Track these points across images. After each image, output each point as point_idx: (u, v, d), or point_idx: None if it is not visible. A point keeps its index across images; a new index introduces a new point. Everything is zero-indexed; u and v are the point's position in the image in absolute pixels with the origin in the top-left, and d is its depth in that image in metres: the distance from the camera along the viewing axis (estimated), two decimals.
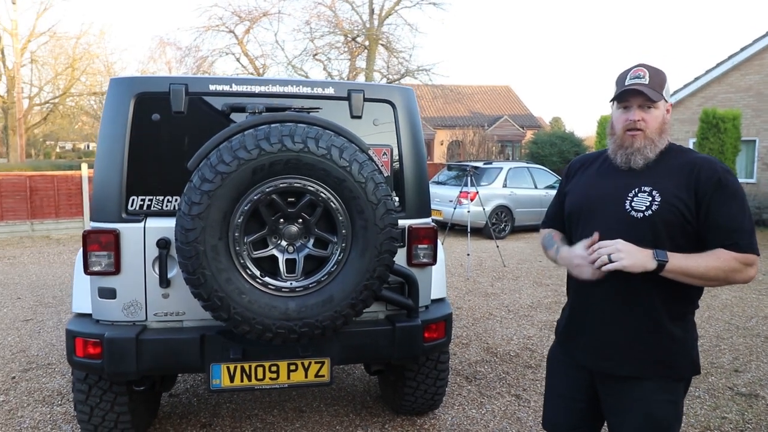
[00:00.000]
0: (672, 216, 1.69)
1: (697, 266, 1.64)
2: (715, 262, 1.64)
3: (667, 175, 1.74)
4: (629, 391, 1.78)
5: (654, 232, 1.70)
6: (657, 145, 1.77)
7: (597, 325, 1.84)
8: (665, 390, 1.75)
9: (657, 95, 1.74)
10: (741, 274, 1.67)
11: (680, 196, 1.69)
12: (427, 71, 20.15)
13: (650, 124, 1.76)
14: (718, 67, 13.91)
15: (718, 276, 1.66)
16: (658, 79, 1.77)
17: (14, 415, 3.44)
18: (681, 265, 1.64)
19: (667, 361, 1.76)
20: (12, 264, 8.58)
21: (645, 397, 1.75)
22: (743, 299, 6.40)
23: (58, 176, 11.78)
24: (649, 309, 1.75)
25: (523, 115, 32.20)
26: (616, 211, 1.76)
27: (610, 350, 1.81)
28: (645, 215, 1.71)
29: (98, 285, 2.60)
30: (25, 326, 5.29)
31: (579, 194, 1.92)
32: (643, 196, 1.74)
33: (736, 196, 1.68)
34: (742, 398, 3.75)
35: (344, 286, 2.38)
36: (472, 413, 3.53)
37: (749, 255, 1.66)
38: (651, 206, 1.71)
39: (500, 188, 11.29)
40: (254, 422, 3.38)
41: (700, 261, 1.65)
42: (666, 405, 1.75)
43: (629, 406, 1.77)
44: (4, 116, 25.88)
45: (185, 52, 20.70)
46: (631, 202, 1.75)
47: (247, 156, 2.21)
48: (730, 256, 1.65)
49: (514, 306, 6.12)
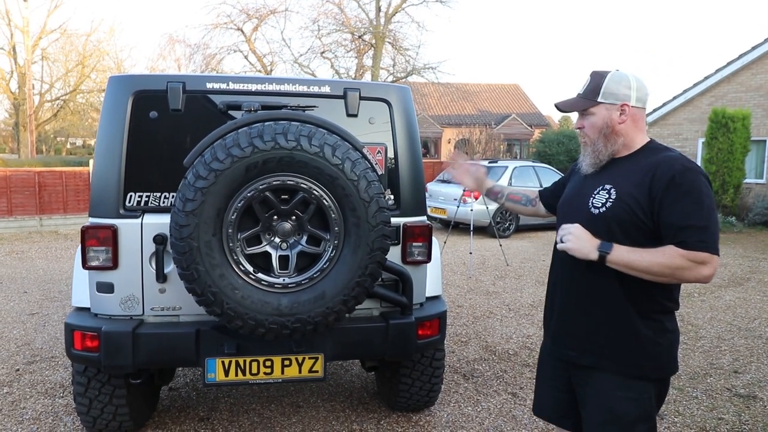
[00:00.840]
0: (624, 213, 1.73)
1: (640, 260, 1.67)
2: (660, 258, 1.65)
3: (629, 173, 1.78)
4: (592, 383, 1.82)
5: (607, 228, 1.75)
6: (598, 149, 1.83)
7: (563, 313, 1.91)
8: (626, 387, 1.76)
9: (584, 102, 1.83)
10: (691, 272, 1.65)
11: (634, 194, 1.72)
12: (434, 69, 20.13)
13: (589, 130, 1.85)
14: (729, 66, 13.78)
15: (663, 272, 1.66)
16: (594, 84, 1.83)
17: (17, 407, 3.51)
18: (623, 258, 1.68)
19: (627, 358, 1.77)
20: (20, 258, 8.70)
21: (604, 391, 1.79)
22: (747, 300, 6.36)
23: (67, 172, 11.92)
24: (614, 303, 1.78)
25: (532, 114, 32.08)
26: (580, 208, 1.85)
27: (574, 339, 1.87)
28: (600, 212, 1.78)
29: (96, 279, 2.64)
30: (30, 320, 5.37)
31: (565, 195, 2.03)
32: (602, 193, 1.80)
33: (691, 193, 1.66)
34: (740, 399, 3.74)
35: (336, 283, 2.40)
36: (467, 410, 3.55)
37: (699, 253, 1.63)
38: (606, 203, 1.77)
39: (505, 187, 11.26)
40: (252, 416, 3.42)
41: (645, 255, 1.67)
42: (626, 402, 1.76)
43: (592, 398, 1.82)
44: (15, 112, 26.17)
45: (194, 49, 20.86)
46: (592, 200, 1.82)
47: (240, 153, 2.24)
48: (676, 252, 1.64)
49: (515, 305, 6.13)
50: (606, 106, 1.80)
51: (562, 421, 1.99)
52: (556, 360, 1.97)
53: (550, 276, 2.01)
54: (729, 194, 12.51)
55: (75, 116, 29.58)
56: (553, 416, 2.02)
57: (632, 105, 1.80)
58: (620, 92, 1.80)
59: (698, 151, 14.14)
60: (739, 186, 12.65)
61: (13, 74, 25.26)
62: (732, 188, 12.54)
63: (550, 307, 2.01)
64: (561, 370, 1.95)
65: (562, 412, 1.98)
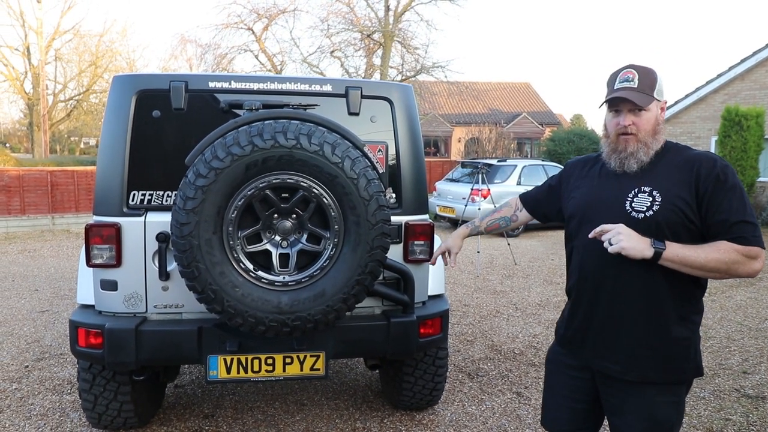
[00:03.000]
0: (674, 215, 1.67)
1: (696, 256, 1.62)
2: (715, 254, 1.62)
3: (667, 174, 1.72)
4: (633, 392, 1.77)
5: (656, 232, 1.68)
6: (650, 147, 1.76)
7: (603, 327, 1.81)
8: (668, 391, 1.75)
9: (646, 99, 1.73)
10: (744, 267, 1.64)
11: (681, 195, 1.68)
12: (443, 68, 20.06)
13: (642, 127, 1.75)
14: (742, 63, 13.59)
15: (719, 267, 1.63)
16: (648, 80, 1.75)
17: (25, 403, 3.56)
18: (679, 254, 1.63)
19: (672, 365, 1.74)
20: (32, 257, 8.81)
21: (648, 399, 1.74)
22: (758, 300, 6.28)
23: (78, 171, 12.05)
24: (657, 311, 1.72)
25: (543, 112, 31.89)
26: (616, 214, 1.74)
27: (617, 354, 1.78)
28: (646, 215, 1.70)
29: (100, 277, 2.67)
30: (41, 317, 5.44)
31: (581, 198, 1.90)
32: (643, 196, 1.72)
33: (736, 189, 1.67)
34: (749, 400, 3.69)
35: (336, 281, 2.41)
36: (471, 409, 3.54)
37: (753, 247, 1.63)
38: (652, 206, 1.70)
39: (514, 186, 11.22)
40: (256, 414, 3.43)
41: (700, 251, 1.63)
42: (669, 406, 1.74)
43: (632, 407, 1.76)
44: (29, 113, 26.48)
45: (205, 49, 20.96)
46: (631, 203, 1.73)
47: (240, 152, 2.25)
48: (731, 247, 1.62)
49: (522, 304, 6.10)
50: (656, 103, 1.77)
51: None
52: (578, 370, 1.90)
53: (577, 286, 1.88)
54: None
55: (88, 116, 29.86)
56: (569, 429, 1.94)
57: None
58: (663, 90, 1.79)
59: (711, 150, 13.98)
60: (752, 185, 12.48)
61: (27, 75, 25.55)
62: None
63: (584, 322, 1.87)
64: (583, 381, 1.89)
65: (579, 423, 1.93)
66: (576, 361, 1.91)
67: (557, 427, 1.97)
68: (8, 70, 24.71)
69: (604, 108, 1.84)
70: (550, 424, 2.00)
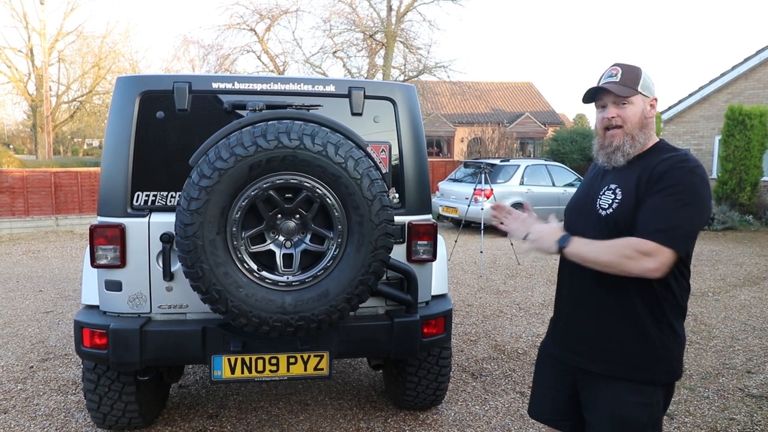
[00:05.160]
0: (628, 214, 1.70)
1: (589, 251, 1.68)
2: (608, 248, 1.64)
3: (632, 172, 1.74)
4: (602, 388, 1.78)
5: (614, 229, 1.71)
6: (637, 140, 1.76)
7: (571, 318, 1.88)
8: (637, 392, 1.73)
9: (627, 90, 1.75)
10: (635, 263, 1.59)
11: (633, 193, 1.70)
12: (446, 68, 20.03)
13: (627, 119, 1.76)
14: (745, 62, 13.56)
15: (611, 261, 1.63)
16: (631, 75, 1.78)
17: (30, 403, 3.57)
18: (576, 249, 1.70)
19: (639, 364, 1.73)
20: (36, 258, 8.84)
21: (616, 397, 1.74)
22: (762, 299, 6.26)
23: (82, 173, 12.09)
24: (626, 307, 1.73)
25: (545, 112, 31.86)
26: (589, 209, 1.81)
27: (583, 345, 1.83)
28: (607, 213, 1.75)
29: (105, 278, 2.68)
30: (45, 318, 5.46)
31: (575, 194, 1.99)
32: (608, 194, 1.77)
33: (670, 188, 1.62)
34: (753, 400, 3.69)
35: (340, 281, 2.41)
36: (475, 409, 3.54)
37: (647, 242, 1.58)
38: (612, 204, 1.74)
39: (517, 186, 11.21)
40: (260, 414, 3.44)
41: (595, 247, 1.67)
42: (638, 407, 1.72)
43: (601, 403, 1.77)
44: (33, 114, 26.58)
45: (208, 50, 20.94)
46: (599, 200, 1.79)
47: (244, 153, 2.26)
48: (627, 242, 1.61)
49: (525, 304, 6.09)
50: (642, 98, 1.77)
51: (561, 424, 1.95)
52: (560, 362, 1.93)
53: (559, 281, 1.97)
54: (746, 192, 12.32)
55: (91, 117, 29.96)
56: (552, 419, 1.97)
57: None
58: (651, 87, 1.80)
59: (714, 149, 13.95)
60: (756, 184, 12.45)
61: (30, 76, 25.66)
62: (749, 186, 12.35)
63: (557, 312, 1.98)
64: (563, 372, 1.91)
65: (561, 414, 1.94)
66: (558, 354, 1.95)
67: (541, 416, 2.01)
68: (11, 71, 24.82)
69: None
70: (534, 412, 2.03)
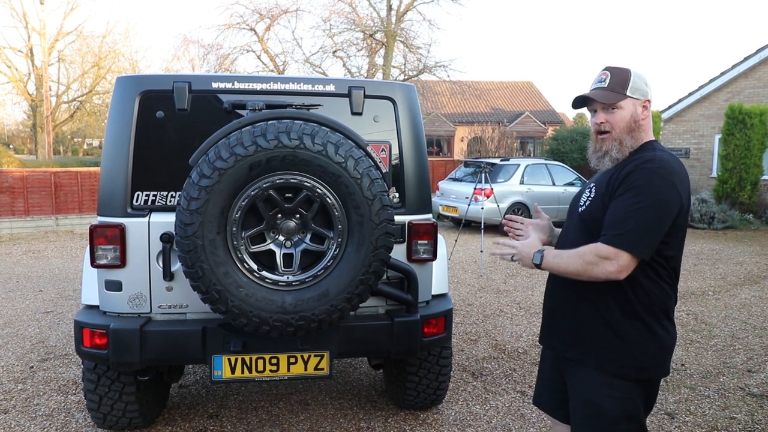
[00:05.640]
0: (597, 212, 1.75)
1: (559, 263, 1.75)
2: (574, 257, 1.70)
3: (609, 172, 1.78)
4: (579, 375, 1.85)
5: (587, 226, 1.78)
6: (625, 144, 1.78)
7: (553, 308, 1.97)
8: (609, 385, 1.77)
9: (612, 96, 1.77)
10: (598, 268, 1.65)
11: (602, 193, 1.75)
12: (446, 67, 20.01)
13: (615, 124, 1.78)
14: (745, 61, 13.55)
15: (577, 270, 1.70)
16: (619, 78, 1.79)
17: (30, 403, 3.57)
18: (548, 263, 1.78)
19: (610, 356, 1.77)
20: (36, 257, 8.84)
21: (589, 385, 1.80)
22: (763, 298, 6.26)
23: (82, 172, 12.08)
24: (599, 301, 1.78)
25: (545, 111, 31.85)
26: (575, 209, 1.90)
27: (562, 333, 1.90)
28: (581, 210, 1.83)
29: (105, 278, 2.68)
30: (45, 318, 5.45)
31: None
32: (587, 192, 1.84)
33: (632, 189, 1.65)
34: (753, 399, 3.68)
35: (340, 281, 2.41)
36: (475, 409, 3.54)
37: (606, 247, 1.63)
38: (586, 202, 1.82)
39: (517, 185, 11.20)
40: (260, 414, 3.44)
41: (564, 256, 1.73)
42: (609, 399, 1.76)
43: (577, 391, 1.85)
44: (32, 114, 26.56)
45: (207, 49, 20.92)
46: (582, 198, 1.87)
47: (243, 152, 2.25)
48: (589, 248, 1.68)
49: (525, 303, 6.09)
50: (632, 101, 1.78)
51: (557, 413, 2.03)
52: (551, 354, 2.02)
53: (548, 276, 2.04)
54: (746, 191, 12.32)
55: (91, 117, 29.94)
56: (549, 407, 2.06)
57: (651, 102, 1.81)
58: (642, 88, 1.80)
59: (715, 148, 13.94)
60: (756, 183, 12.45)
61: (30, 76, 25.64)
62: (749, 185, 12.34)
63: (544, 303, 2.07)
64: (556, 363, 1.99)
65: (556, 404, 2.02)
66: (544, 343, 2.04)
67: (542, 404, 2.10)
68: (11, 71, 24.80)
69: None
70: (536, 399, 2.12)
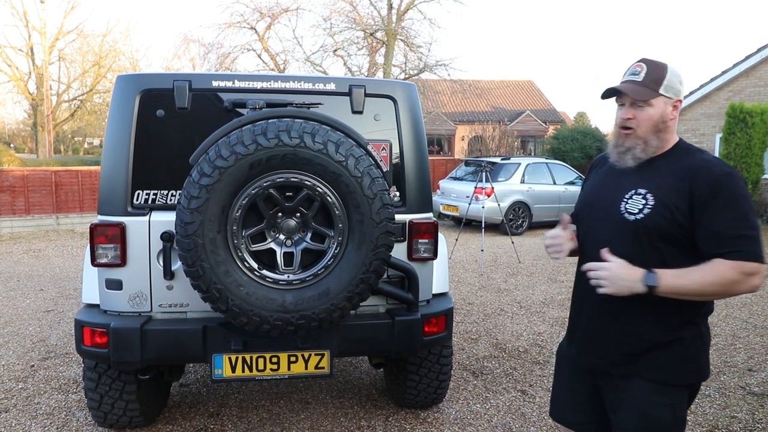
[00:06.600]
0: (664, 221, 1.63)
1: (691, 283, 1.57)
2: (711, 276, 1.57)
3: (665, 177, 1.68)
4: (626, 388, 1.74)
5: (645, 235, 1.66)
6: (650, 144, 1.70)
7: (592, 322, 1.81)
8: (662, 393, 1.70)
9: (646, 92, 1.68)
10: (742, 286, 1.58)
11: (674, 201, 1.63)
12: (446, 66, 19.99)
13: (642, 123, 1.69)
14: (747, 60, 13.52)
15: (716, 291, 1.58)
16: (655, 74, 1.69)
17: (31, 402, 3.57)
18: (673, 284, 1.58)
19: (666, 365, 1.70)
20: (37, 257, 8.84)
21: (640, 396, 1.71)
22: (764, 297, 6.25)
23: (83, 171, 12.09)
24: (658, 309, 1.68)
25: (546, 110, 31.83)
26: (611, 212, 1.73)
27: (606, 346, 1.77)
28: (637, 218, 1.67)
29: (105, 276, 2.68)
30: (46, 317, 5.46)
31: (587, 193, 1.91)
32: (637, 198, 1.69)
33: (736, 200, 1.59)
34: (754, 398, 3.68)
35: (341, 280, 2.41)
36: (476, 408, 3.54)
37: (750, 263, 1.56)
38: (643, 210, 1.66)
39: (518, 184, 11.20)
40: (261, 412, 3.44)
41: (695, 276, 1.57)
42: (661, 407, 1.70)
43: (625, 403, 1.74)
44: (33, 113, 26.56)
45: (208, 48, 20.89)
46: (625, 204, 1.70)
47: (244, 151, 2.25)
48: (727, 267, 1.56)
49: (526, 302, 6.09)
50: (664, 100, 1.69)
51: (583, 427, 1.92)
52: (578, 364, 1.90)
53: (578, 285, 1.90)
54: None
55: (92, 116, 29.93)
56: (572, 422, 1.94)
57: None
58: (676, 87, 1.71)
59: (715, 147, 13.92)
60: (757, 182, 12.42)
61: (31, 75, 25.64)
62: (750, 184, 12.30)
63: (576, 316, 1.91)
64: (583, 375, 1.88)
65: (581, 417, 1.91)
66: (576, 356, 1.90)
67: (564, 418, 1.97)
68: (12, 70, 24.80)
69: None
70: (557, 414, 1.99)
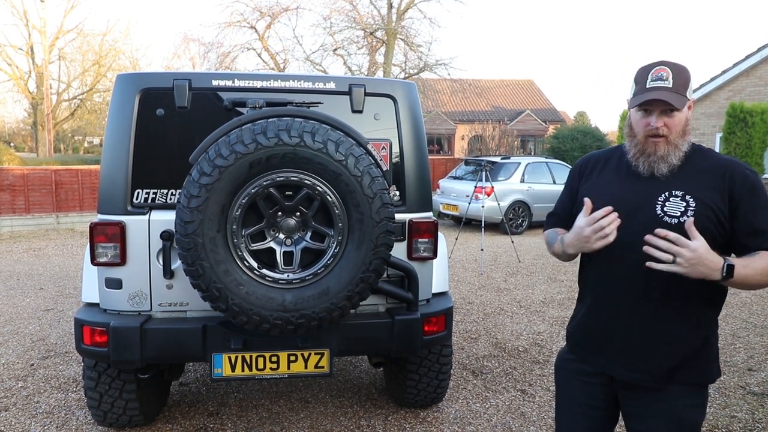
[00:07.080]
0: (708, 222, 1.62)
1: (754, 273, 1.57)
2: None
3: (697, 178, 1.67)
4: (656, 396, 1.72)
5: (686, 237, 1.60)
6: (680, 149, 1.69)
7: (624, 332, 1.74)
8: (694, 394, 1.71)
9: (681, 100, 1.65)
10: None
11: (715, 201, 1.63)
12: (446, 65, 19.98)
13: (673, 129, 1.67)
14: (747, 59, 13.52)
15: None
16: (682, 79, 1.67)
17: (31, 401, 3.57)
18: (743, 274, 1.56)
19: (700, 366, 1.70)
20: (37, 255, 8.84)
21: (674, 403, 1.70)
22: (763, 297, 6.25)
23: (83, 170, 12.08)
24: (686, 314, 1.67)
25: (546, 110, 31.82)
26: (647, 216, 1.67)
27: (640, 360, 1.73)
28: (681, 221, 1.62)
29: (105, 275, 2.68)
30: (46, 316, 5.46)
31: (602, 197, 1.77)
32: (675, 201, 1.65)
33: (765, 197, 1.64)
34: (754, 398, 3.68)
35: (340, 279, 2.41)
36: (476, 407, 3.54)
37: None
38: (686, 212, 1.63)
39: (518, 183, 11.20)
40: (260, 412, 3.44)
41: (757, 267, 1.58)
42: (694, 409, 1.70)
43: (657, 411, 1.71)
44: (33, 112, 26.57)
45: (208, 47, 20.88)
46: (662, 207, 1.66)
47: (244, 150, 2.25)
48: None
49: (526, 301, 6.09)
50: (688, 103, 1.69)
51: None
52: (591, 376, 1.83)
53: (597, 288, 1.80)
54: None
55: (92, 115, 29.94)
56: None
57: None
58: (692, 87, 1.72)
59: (716, 147, 13.91)
60: None
61: (31, 74, 25.65)
62: None
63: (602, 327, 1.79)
64: (598, 386, 1.82)
65: (595, 430, 1.86)
66: (591, 368, 1.82)
67: None
68: (12, 69, 24.81)
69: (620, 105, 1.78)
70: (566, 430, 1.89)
